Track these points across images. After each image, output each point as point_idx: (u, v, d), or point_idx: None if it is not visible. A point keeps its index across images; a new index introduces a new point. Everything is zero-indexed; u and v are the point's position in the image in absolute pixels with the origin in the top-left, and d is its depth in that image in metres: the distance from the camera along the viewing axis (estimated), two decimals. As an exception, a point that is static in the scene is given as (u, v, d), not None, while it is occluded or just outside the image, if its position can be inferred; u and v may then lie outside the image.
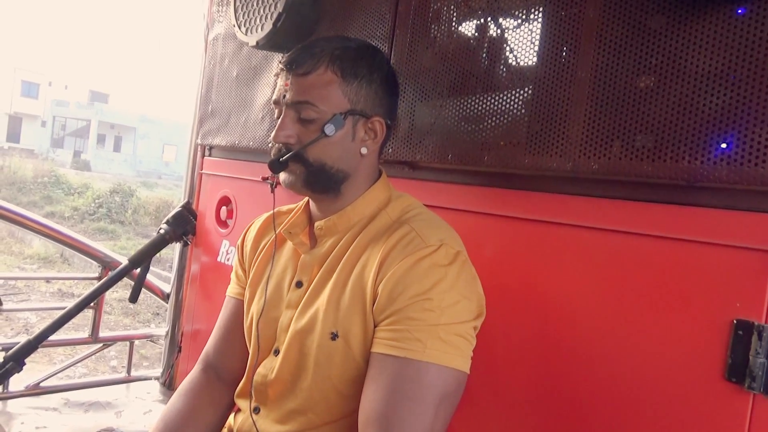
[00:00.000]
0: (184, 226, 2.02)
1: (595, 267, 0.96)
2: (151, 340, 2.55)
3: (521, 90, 1.06)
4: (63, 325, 1.74)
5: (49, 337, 1.76)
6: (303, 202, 1.04)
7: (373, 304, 0.86)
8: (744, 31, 0.79)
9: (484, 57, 1.15)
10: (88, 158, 29.26)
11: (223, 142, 1.88)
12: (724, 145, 0.80)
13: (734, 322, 0.79)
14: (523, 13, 1.09)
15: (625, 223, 0.92)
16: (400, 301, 0.83)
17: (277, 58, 1.66)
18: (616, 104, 0.92)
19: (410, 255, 0.84)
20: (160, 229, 2.00)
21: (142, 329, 6.18)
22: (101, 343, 2.22)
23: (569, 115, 0.98)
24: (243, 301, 1.07)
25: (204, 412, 1.04)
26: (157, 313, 7.25)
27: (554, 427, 0.99)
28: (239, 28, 1.57)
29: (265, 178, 0.93)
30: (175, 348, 2.13)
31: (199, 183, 2.10)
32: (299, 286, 0.97)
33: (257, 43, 1.51)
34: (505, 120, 1.08)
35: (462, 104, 1.16)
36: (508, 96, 1.08)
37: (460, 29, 1.22)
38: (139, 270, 1.92)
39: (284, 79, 0.92)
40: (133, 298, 1.90)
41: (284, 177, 0.93)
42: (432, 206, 1.03)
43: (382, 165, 1.02)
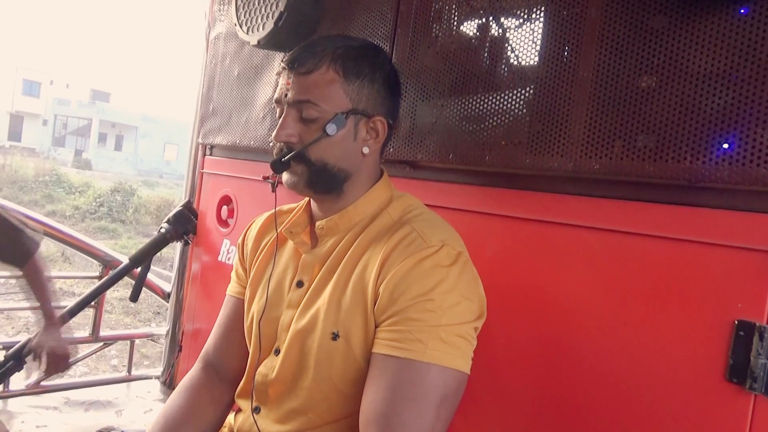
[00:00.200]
0: (185, 225, 2.02)
1: (596, 267, 0.96)
2: (152, 339, 2.56)
3: (523, 90, 1.06)
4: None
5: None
6: (304, 202, 1.04)
7: (374, 305, 0.86)
8: (746, 31, 0.79)
9: (486, 56, 1.15)
10: (90, 157, 29.28)
11: (224, 141, 1.88)
12: (726, 146, 0.80)
13: (735, 322, 0.79)
14: (525, 13, 1.09)
15: (627, 224, 0.92)
16: (401, 302, 0.83)
17: (279, 57, 1.66)
18: (618, 104, 0.92)
19: (412, 255, 0.84)
20: (161, 228, 2.01)
21: (142, 328, 6.18)
22: (102, 342, 2.22)
23: (571, 114, 0.97)
24: (243, 300, 1.07)
25: (204, 410, 1.04)
26: (158, 312, 7.25)
27: (555, 427, 0.99)
28: (240, 27, 1.57)
29: (266, 178, 0.93)
30: (176, 347, 2.13)
31: (200, 182, 2.10)
32: (300, 285, 0.96)
33: (258, 42, 1.50)
34: (507, 120, 1.08)
35: (463, 104, 1.15)
36: (510, 96, 1.08)
37: (461, 29, 1.21)
38: (139, 269, 1.93)
39: (286, 78, 0.92)
40: (134, 297, 1.91)
41: (286, 177, 0.93)
42: (433, 206, 1.02)
43: (384, 164, 1.02)
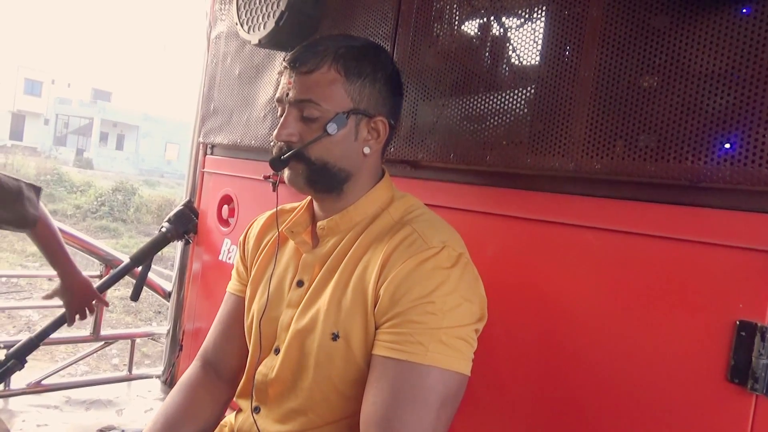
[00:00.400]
0: (185, 224, 2.02)
1: (598, 267, 0.96)
2: (153, 339, 2.56)
3: (524, 89, 1.06)
4: (65, 323, 1.75)
5: (51, 335, 1.76)
6: (306, 201, 1.04)
7: (375, 306, 0.86)
8: (749, 31, 0.78)
9: (487, 56, 1.14)
10: (91, 156, 29.31)
11: (225, 141, 1.88)
12: (728, 146, 0.80)
13: (737, 323, 0.79)
14: (526, 12, 1.09)
15: (628, 224, 0.92)
16: (402, 304, 0.82)
17: (280, 56, 1.66)
18: (619, 104, 0.91)
19: (413, 257, 0.84)
20: (162, 227, 2.01)
21: (143, 327, 6.19)
22: (103, 341, 2.23)
23: (572, 114, 0.97)
24: (243, 298, 1.07)
25: (202, 407, 1.04)
26: (159, 312, 7.25)
27: (556, 428, 0.99)
28: (241, 26, 1.57)
29: (267, 177, 0.93)
30: (177, 346, 2.13)
31: (201, 181, 2.10)
32: (300, 285, 0.96)
33: (259, 41, 1.50)
34: (508, 119, 1.07)
35: (464, 103, 1.15)
36: (511, 95, 1.08)
37: (462, 28, 1.21)
38: (140, 268, 1.93)
39: (287, 77, 0.91)
40: (135, 297, 1.91)
41: (287, 174, 0.93)
42: (434, 206, 1.02)
43: (385, 164, 1.02)
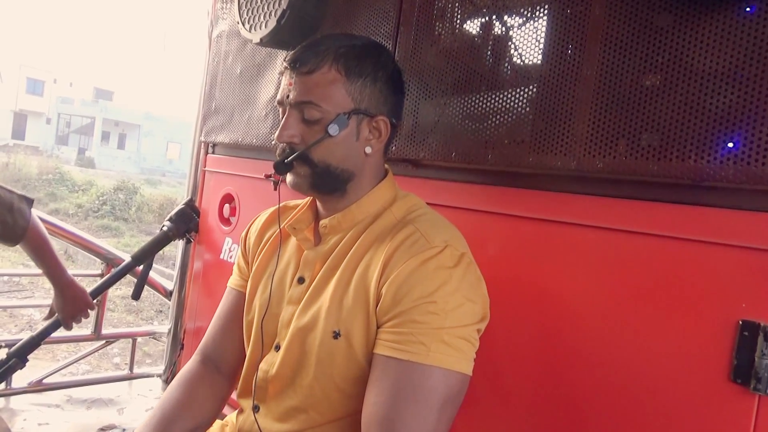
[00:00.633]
0: (187, 223, 2.02)
1: (600, 266, 0.96)
2: (154, 338, 2.55)
3: (526, 88, 1.06)
4: None
5: (52, 334, 1.76)
6: (308, 199, 1.04)
7: (377, 305, 0.85)
8: (753, 30, 0.78)
9: (489, 55, 1.14)
10: (93, 155, 29.35)
11: (227, 140, 1.88)
12: (731, 145, 0.80)
13: (740, 322, 0.79)
14: (528, 11, 1.08)
15: (630, 223, 0.92)
16: (404, 303, 0.82)
17: (281, 55, 1.66)
18: (622, 103, 0.91)
19: (415, 256, 0.84)
20: (163, 226, 2.00)
21: (144, 326, 6.20)
22: (104, 340, 2.23)
23: (574, 113, 0.97)
24: (244, 293, 1.07)
25: (200, 403, 1.04)
26: (160, 311, 7.25)
27: (557, 426, 0.99)
28: (243, 25, 1.57)
29: (268, 176, 0.93)
30: (178, 345, 2.13)
31: (203, 180, 2.10)
32: (301, 282, 0.96)
33: (261, 40, 1.50)
34: (510, 118, 1.07)
35: (466, 102, 1.15)
36: (513, 94, 1.07)
37: (464, 27, 1.21)
38: (141, 267, 1.93)
39: (288, 78, 0.91)
40: (136, 295, 1.91)
41: (290, 179, 0.93)
42: (435, 205, 1.02)
43: (388, 163, 1.02)
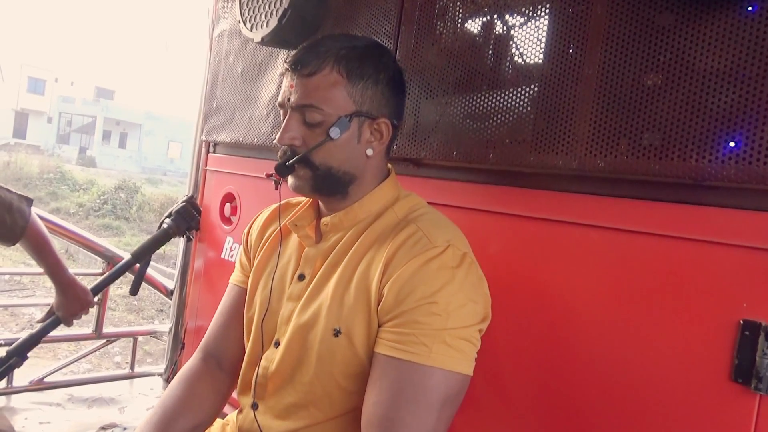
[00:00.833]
0: (188, 221, 1.98)
1: (601, 266, 0.96)
2: (155, 337, 2.55)
3: (527, 87, 1.06)
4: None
5: (53, 333, 1.76)
6: None
7: (378, 304, 0.85)
8: (755, 29, 0.78)
9: (490, 54, 1.14)
10: (94, 154, 29.37)
11: (228, 139, 1.88)
12: (733, 144, 0.80)
13: (741, 322, 0.79)
14: (530, 10, 1.08)
15: (632, 222, 0.92)
16: (406, 303, 0.82)
17: (282, 54, 1.66)
18: (623, 102, 0.91)
19: (417, 256, 0.84)
20: (163, 223, 1.97)
21: (145, 325, 6.21)
22: (105, 339, 2.23)
23: (575, 112, 0.97)
24: (245, 289, 1.07)
25: (201, 400, 1.04)
26: (161, 310, 7.26)
27: (558, 426, 0.99)
28: (244, 24, 1.57)
29: (269, 175, 0.93)
30: (179, 344, 2.13)
31: (204, 179, 2.10)
32: (301, 279, 0.96)
33: (262, 39, 1.50)
34: (511, 117, 1.07)
35: (467, 101, 1.15)
36: (514, 93, 1.07)
37: (465, 26, 1.21)
38: (140, 264, 1.91)
39: (289, 80, 0.91)
40: (134, 291, 1.89)
41: (292, 181, 0.93)
42: (436, 204, 1.02)
43: (389, 163, 1.02)
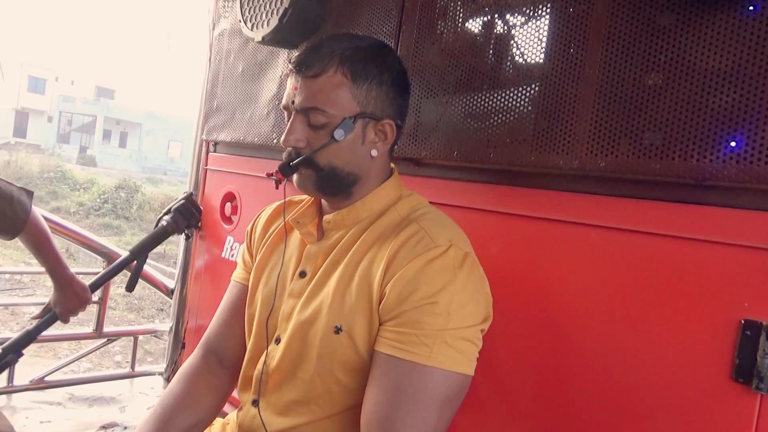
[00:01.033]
0: (187, 218, 1.95)
1: (602, 266, 0.96)
2: (155, 336, 2.55)
3: (528, 87, 1.06)
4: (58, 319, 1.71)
5: (54, 332, 1.76)
6: None
7: (380, 303, 0.85)
8: (756, 29, 0.78)
9: (491, 54, 1.14)
10: (94, 154, 29.38)
11: (228, 138, 1.88)
12: (734, 144, 0.80)
13: (742, 322, 0.79)
14: (531, 10, 1.08)
15: (633, 222, 0.92)
16: (408, 303, 0.82)
17: (283, 53, 1.66)
18: (624, 101, 0.91)
19: (420, 256, 0.84)
20: (161, 220, 1.94)
21: (146, 325, 6.21)
22: (105, 338, 2.23)
23: (576, 112, 0.97)
24: (248, 286, 1.07)
25: (201, 397, 1.05)
26: (162, 309, 7.27)
27: (559, 425, 0.99)
28: (245, 23, 1.57)
29: (269, 174, 0.93)
30: (179, 344, 2.13)
31: (204, 179, 2.10)
32: (303, 276, 0.96)
33: (263, 38, 1.50)
34: (512, 117, 1.07)
35: (468, 101, 1.15)
36: (515, 93, 1.07)
37: (466, 26, 1.21)
38: (137, 261, 1.88)
39: (293, 81, 0.91)
40: (130, 288, 1.86)
41: (296, 179, 0.93)
42: (437, 203, 1.02)
43: (394, 162, 1.02)
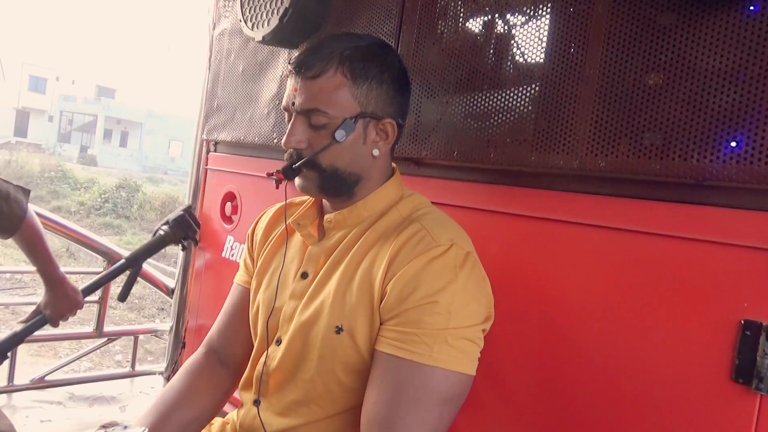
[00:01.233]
0: (184, 230, 1.93)
1: (602, 265, 0.95)
2: (156, 335, 2.56)
3: (528, 87, 1.06)
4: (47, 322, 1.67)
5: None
6: None
7: (381, 303, 0.85)
8: (756, 29, 0.78)
9: (491, 53, 1.14)
10: (95, 153, 29.37)
11: (229, 138, 1.88)
12: (734, 144, 0.80)
13: (742, 322, 0.79)
14: (531, 9, 1.08)
15: (633, 222, 0.92)
16: (408, 302, 0.82)
17: (283, 53, 1.66)
18: (625, 101, 0.91)
19: (421, 255, 0.83)
20: (160, 230, 1.93)
21: (146, 324, 6.21)
22: (106, 338, 2.23)
23: (576, 112, 0.97)
24: (249, 289, 1.07)
25: (201, 393, 1.05)
26: (162, 308, 7.28)
27: (559, 425, 0.99)
28: (245, 23, 1.57)
29: (269, 174, 0.93)
30: (179, 343, 2.13)
31: (204, 178, 2.10)
32: (304, 277, 0.96)
33: (263, 38, 1.50)
34: (512, 117, 1.07)
35: (468, 101, 1.15)
36: (515, 93, 1.07)
37: (467, 25, 1.21)
38: (131, 269, 1.86)
39: (293, 83, 0.90)
40: (122, 297, 1.82)
41: (298, 182, 0.93)
42: (437, 203, 1.02)
43: (395, 162, 1.02)
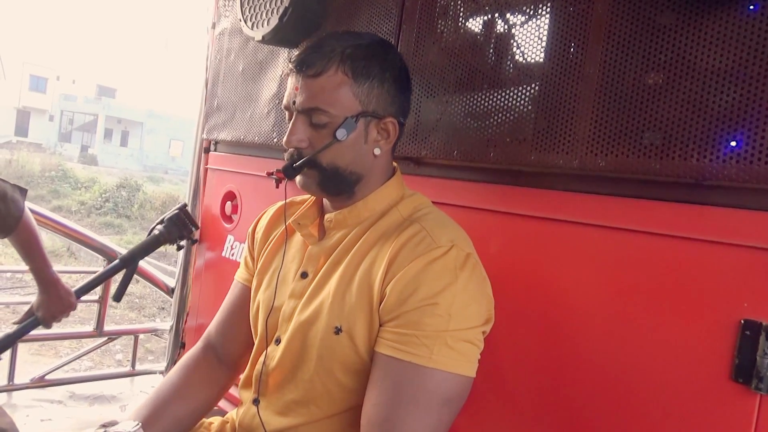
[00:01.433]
0: (180, 228, 1.87)
1: (602, 265, 0.95)
2: (156, 335, 2.56)
3: (528, 86, 1.05)
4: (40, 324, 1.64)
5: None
6: None
7: (380, 304, 0.85)
8: (756, 28, 0.78)
9: (491, 53, 1.14)
10: (95, 153, 29.38)
11: (229, 137, 1.88)
12: (734, 143, 0.79)
13: (741, 322, 0.79)
14: (531, 9, 1.08)
15: (633, 222, 0.92)
16: (408, 304, 0.82)
17: (283, 52, 1.66)
18: (624, 101, 0.91)
19: (421, 256, 0.83)
20: (155, 229, 1.88)
21: (147, 323, 6.21)
22: (106, 337, 2.24)
23: (576, 111, 0.97)
24: (250, 287, 1.07)
25: (196, 388, 1.05)
26: (163, 308, 7.28)
27: (559, 425, 0.99)
28: (245, 22, 1.57)
29: (270, 173, 0.92)
30: (180, 342, 2.14)
31: (205, 178, 2.10)
32: (304, 276, 0.96)
33: (263, 37, 1.50)
34: (512, 116, 1.07)
35: (468, 100, 1.15)
36: (515, 92, 1.07)
37: (467, 25, 1.21)
38: (127, 269, 1.85)
39: (294, 81, 0.90)
40: (117, 298, 1.80)
41: (299, 179, 0.93)
42: (437, 203, 1.02)
43: (396, 161, 1.01)
